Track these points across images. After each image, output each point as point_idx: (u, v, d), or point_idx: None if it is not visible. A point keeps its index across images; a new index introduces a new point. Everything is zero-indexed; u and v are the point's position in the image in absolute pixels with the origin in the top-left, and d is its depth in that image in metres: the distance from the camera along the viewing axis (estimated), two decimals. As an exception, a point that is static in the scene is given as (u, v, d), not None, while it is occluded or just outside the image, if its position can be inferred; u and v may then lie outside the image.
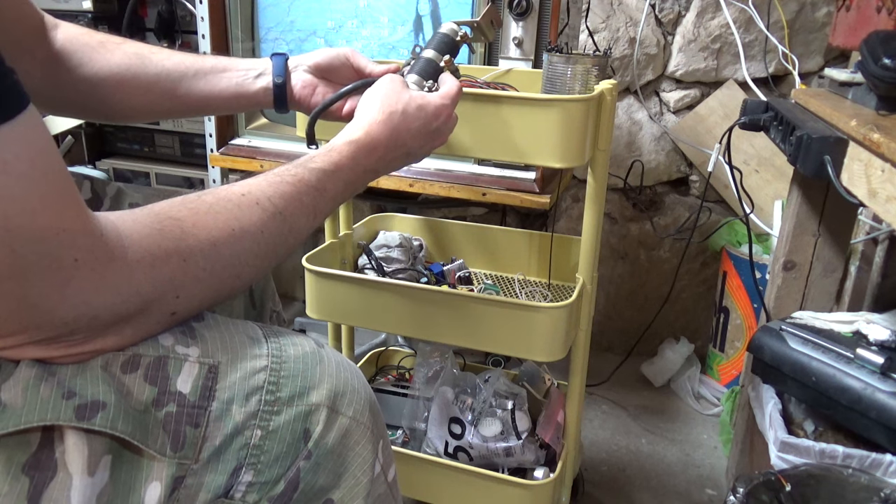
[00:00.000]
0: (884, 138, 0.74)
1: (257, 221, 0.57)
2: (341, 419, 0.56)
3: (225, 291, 0.56)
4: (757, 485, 0.83)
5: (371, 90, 0.77)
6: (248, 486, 0.53)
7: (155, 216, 0.51)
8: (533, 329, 0.96)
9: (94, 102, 0.79)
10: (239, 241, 0.55)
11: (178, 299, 0.52)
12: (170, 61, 0.81)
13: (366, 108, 0.75)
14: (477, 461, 1.12)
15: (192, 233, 0.52)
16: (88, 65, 0.77)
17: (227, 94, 0.84)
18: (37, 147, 0.43)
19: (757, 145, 1.67)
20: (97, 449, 0.47)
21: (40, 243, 0.42)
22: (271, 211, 0.58)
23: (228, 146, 1.48)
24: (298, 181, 0.62)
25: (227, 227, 0.54)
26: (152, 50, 0.81)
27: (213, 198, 0.56)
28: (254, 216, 0.57)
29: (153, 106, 0.83)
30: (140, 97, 0.81)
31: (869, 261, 1.41)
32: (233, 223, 0.55)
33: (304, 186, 0.62)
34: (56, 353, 0.47)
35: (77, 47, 0.77)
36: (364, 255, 1.21)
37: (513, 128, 0.90)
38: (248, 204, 0.57)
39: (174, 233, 0.51)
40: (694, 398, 1.72)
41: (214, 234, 0.53)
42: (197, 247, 0.52)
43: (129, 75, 0.79)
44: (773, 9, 1.58)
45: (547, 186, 1.28)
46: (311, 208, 0.63)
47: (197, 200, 0.55)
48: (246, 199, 0.57)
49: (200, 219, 0.53)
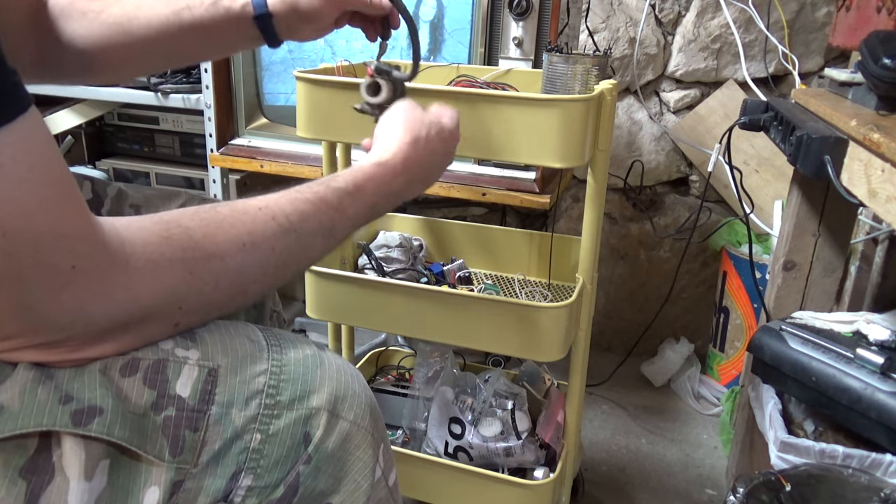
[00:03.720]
0: (884, 138, 0.74)
1: (270, 237, 0.55)
2: (342, 423, 0.56)
3: (229, 306, 0.55)
4: (757, 485, 0.83)
5: (392, 113, 0.76)
6: (248, 490, 0.52)
7: (164, 224, 0.50)
8: (533, 329, 0.96)
9: (90, 71, 0.79)
10: (249, 255, 0.54)
11: (181, 311, 0.51)
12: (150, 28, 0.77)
13: (391, 130, 0.73)
14: (477, 461, 1.12)
15: (201, 244, 0.51)
16: (75, 35, 0.75)
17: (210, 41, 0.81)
18: (36, 151, 0.42)
19: (757, 145, 1.67)
20: (95, 453, 0.46)
21: (37, 248, 0.42)
22: (286, 227, 0.57)
23: (228, 146, 1.48)
24: (318, 199, 0.60)
25: (239, 241, 0.53)
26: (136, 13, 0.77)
27: (228, 210, 0.54)
28: (267, 231, 0.55)
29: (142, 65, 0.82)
30: (126, 60, 0.79)
31: (869, 261, 1.41)
32: (244, 237, 0.54)
33: (323, 205, 0.60)
34: (54, 358, 0.47)
35: (64, 14, 0.75)
36: (364, 255, 1.21)
37: (513, 128, 0.90)
38: (264, 218, 0.55)
39: (181, 242, 0.50)
40: (694, 398, 1.72)
41: (224, 247, 0.52)
42: (203, 258, 0.51)
43: (112, 43, 0.77)
44: (773, 9, 1.58)
45: (547, 186, 1.27)
46: (328, 228, 0.61)
47: (211, 211, 0.54)
48: (262, 213, 0.56)
49: (212, 230, 0.52)
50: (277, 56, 1.45)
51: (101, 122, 1.78)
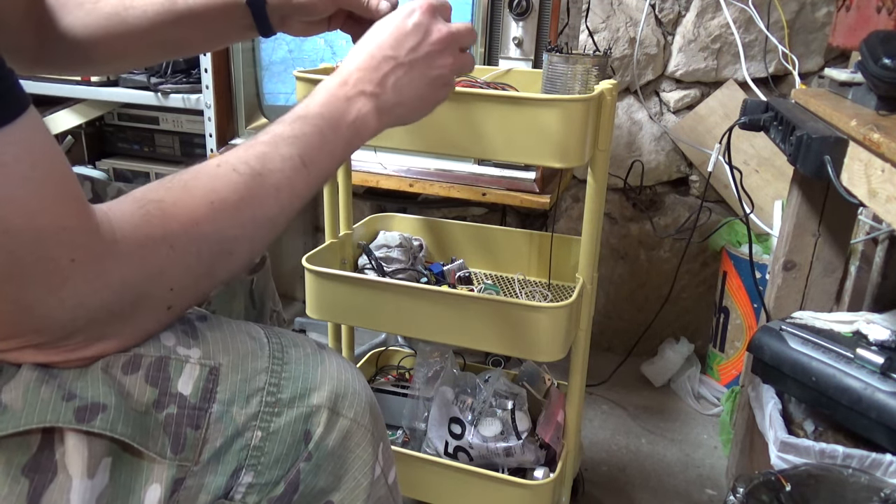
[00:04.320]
0: (884, 138, 0.74)
1: (236, 188, 0.54)
2: (342, 421, 0.56)
3: (220, 273, 0.54)
4: (757, 485, 0.83)
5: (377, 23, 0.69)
6: (249, 488, 0.53)
7: (137, 201, 0.49)
8: (533, 329, 0.96)
9: (88, 61, 0.79)
10: (220, 212, 0.52)
11: (172, 292, 0.51)
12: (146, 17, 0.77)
13: (362, 42, 0.68)
14: (477, 461, 1.12)
15: (173, 213, 0.50)
16: (72, 27, 0.75)
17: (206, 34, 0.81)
18: (37, 149, 0.42)
19: (757, 145, 1.67)
20: (97, 451, 0.47)
21: (38, 245, 0.42)
22: (248, 174, 0.54)
23: (228, 146, 1.48)
24: (273, 136, 0.58)
25: (206, 201, 0.52)
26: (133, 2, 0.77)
27: (189, 174, 0.53)
28: (231, 183, 0.54)
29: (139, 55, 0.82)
30: (123, 50, 0.79)
31: (869, 261, 1.41)
32: (210, 195, 0.52)
33: (278, 139, 0.58)
34: (57, 358, 0.47)
35: (61, 6, 0.75)
36: (364, 255, 1.21)
37: (513, 128, 0.90)
38: (224, 173, 0.54)
39: (156, 216, 0.49)
40: (694, 398, 1.72)
41: (195, 211, 0.51)
42: (181, 229, 0.50)
43: (109, 33, 0.76)
44: (773, 9, 1.58)
45: (547, 186, 1.28)
46: (295, 160, 0.58)
47: (174, 179, 0.53)
48: (221, 168, 0.54)
49: (179, 197, 0.51)
50: (277, 56, 1.45)
51: (101, 122, 1.78)
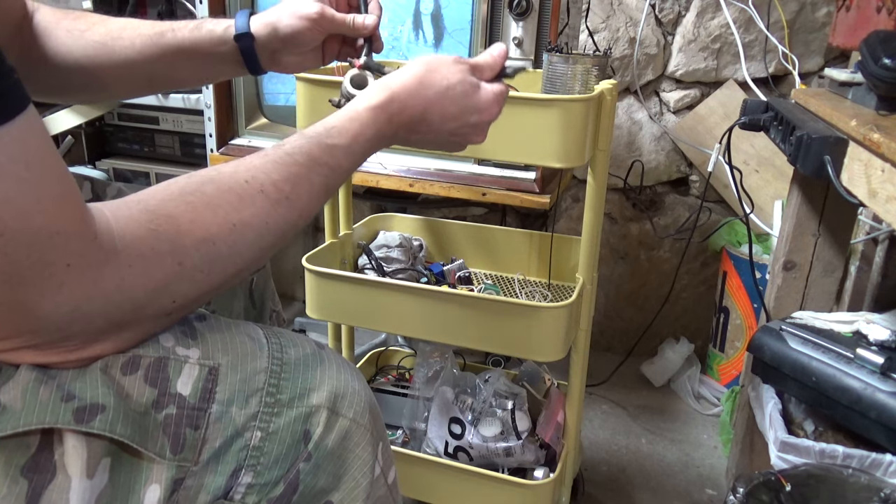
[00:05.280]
0: (884, 138, 0.74)
1: (261, 213, 0.53)
2: (341, 421, 0.56)
3: (223, 287, 0.54)
4: (757, 485, 0.83)
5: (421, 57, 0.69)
6: (248, 488, 0.52)
7: (150, 213, 0.48)
8: (533, 329, 0.96)
9: (69, 88, 0.78)
10: (240, 235, 0.52)
11: (174, 304, 0.51)
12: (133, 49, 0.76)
13: (404, 69, 0.67)
14: (477, 461, 1.12)
15: (189, 231, 0.49)
16: (57, 52, 0.75)
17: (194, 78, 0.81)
18: (34, 149, 0.42)
19: (757, 145, 1.67)
20: (96, 451, 0.47)
21: (33, 247, 0.42)
22: (275, 198, 0.54)
23: (228, 146, 1.48)
24: (311, 161, 0.57)
25: (227, 223, 0.51)
26: (121, 34, 0.76)
27: (213, 188, 0.52)
28: (256, 206, 0.53)
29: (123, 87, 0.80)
30: (106, 80, 0.78)
31: (869, 261, 1.41)
32: (233, 217, 0.52)
33: (315, 165, 0.57)
34: (54, 359, 0.47)
35: (49, 31, 0.74)
36: (364, 255, 1.21)
37: (513, 128, 0.90)
38: (252, 193, 0.53)
39: (169, 233, 0.48)
40: (694, 398, 1.72)
41: (213, 231, 0.50)
42: (193, 247, 0.49)
43: (94, 62, 0.75)
44: (773, 9, 1.58)
45: (547, 186, 1.27)
46: (322, 187, 0.58)
47: (196, 192, 0.51)
48: (249, 186, 0.53)
49: (198, 215, 0.50)
50: (278, 56, 1.45)
51: (101, 122, 1.77)
